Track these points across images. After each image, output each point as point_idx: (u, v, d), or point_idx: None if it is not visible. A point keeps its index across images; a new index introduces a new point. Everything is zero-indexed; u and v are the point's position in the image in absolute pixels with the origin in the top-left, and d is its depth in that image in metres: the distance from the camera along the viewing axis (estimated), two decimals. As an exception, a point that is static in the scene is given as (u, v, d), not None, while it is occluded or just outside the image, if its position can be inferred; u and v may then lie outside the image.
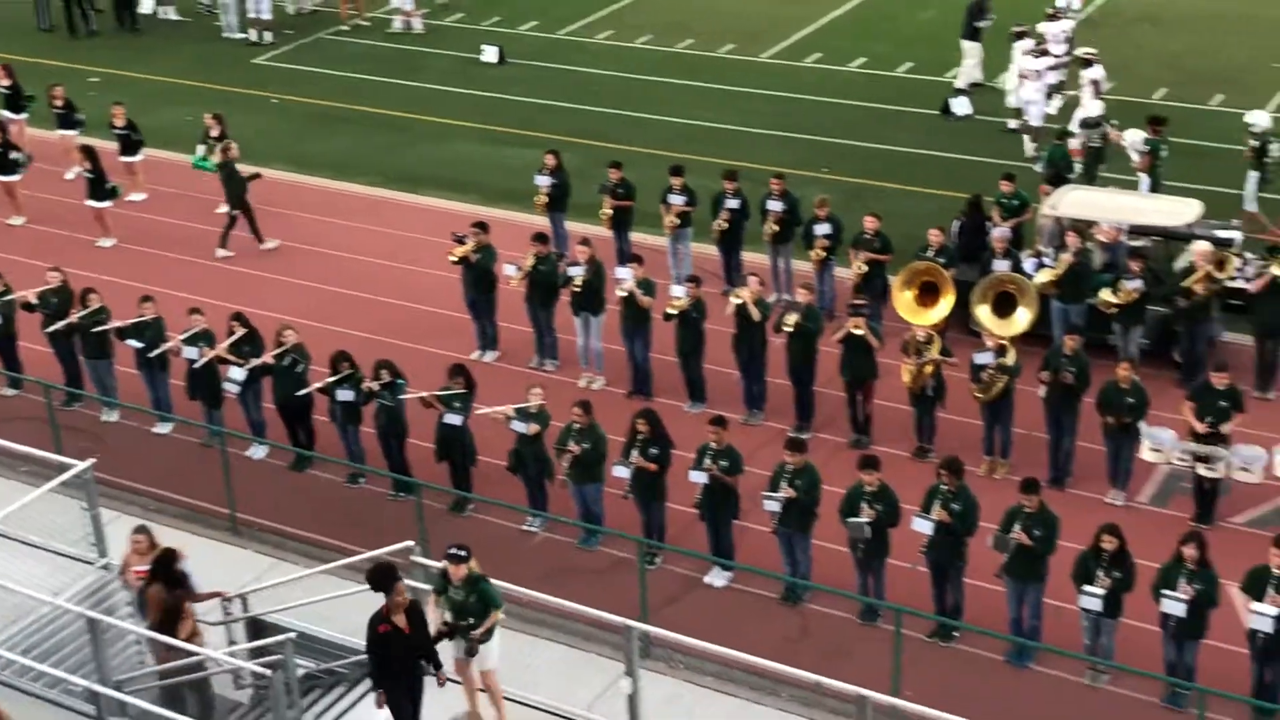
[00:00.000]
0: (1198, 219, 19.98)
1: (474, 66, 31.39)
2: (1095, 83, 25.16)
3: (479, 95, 29.97)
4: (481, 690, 13.58)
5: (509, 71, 31.10)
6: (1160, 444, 16.89)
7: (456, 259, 20.09)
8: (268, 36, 33.55)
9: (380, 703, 12.96)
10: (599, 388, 19.70)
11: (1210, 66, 28.81)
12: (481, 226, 20.24)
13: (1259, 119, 23.02)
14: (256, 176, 23.90)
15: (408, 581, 14.07)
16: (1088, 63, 25.52)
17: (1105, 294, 18.99)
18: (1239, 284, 19.22)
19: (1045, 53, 26.21)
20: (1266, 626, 13.53)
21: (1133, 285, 18.83)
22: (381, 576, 12.74)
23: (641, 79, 30.34)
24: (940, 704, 12.97)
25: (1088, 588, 14.23)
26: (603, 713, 13.84)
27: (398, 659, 12.80)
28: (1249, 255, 19.77)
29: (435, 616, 13.19)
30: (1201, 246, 19.13)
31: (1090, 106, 24.28)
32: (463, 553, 13.20)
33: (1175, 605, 13.82)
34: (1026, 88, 26.04)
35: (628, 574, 15.45)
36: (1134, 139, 22.98)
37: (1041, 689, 14.51)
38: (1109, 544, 14.14)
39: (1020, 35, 26.65)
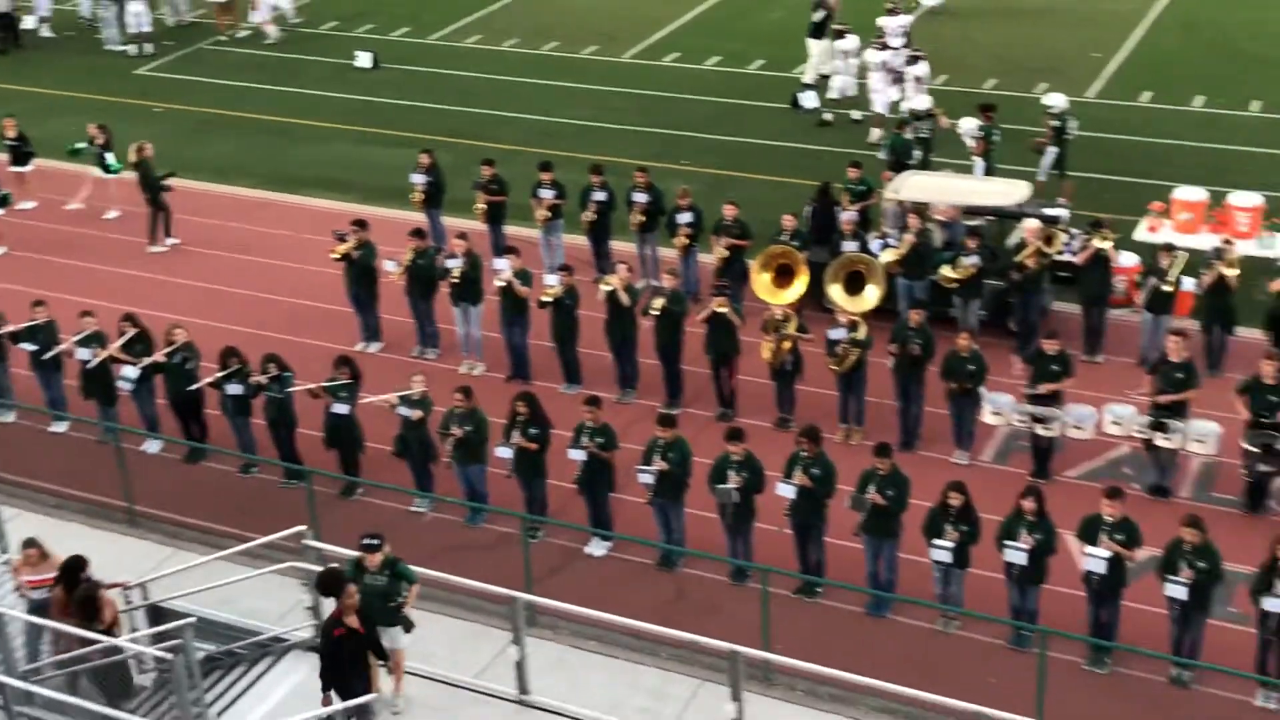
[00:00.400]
0: (1027, 198, 20.39)
1: (349, 72, 30.98)
2: (919, 79, 25.62)
3: (355, 99, 29.58)
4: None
5: (383, 76, 30.75)
6: (1000, 407, 17.22)
7: (338, 256, 19.85)
8: (148, 48, 32.82)
9: (328, 703, 12.66)
10: (479, 373, 19.60)
11: (1034, 57, 29.35)
12: (361, 224, 20.03)
13: (1056, 100, 23.58)
14: (171, 175, 23.55)
15: (300, 564, 13.98)
16: (914, 59, 25.95)
17: (945, 270, 19.30)
18: (1066, 257, 19.65)
19: (885, 46, 26.54)
20: (1099, 568, 13.88)
21: (970, 261, 19.17)
22: (331, 582, 12.52)
23: (510, 80, 30.16)
24: (807, 655, 13.23)
25: (937, 541, 14.48)
26: (492, 679, 13.81)
27: (350, 659, 12.54)
28: (1075, 230, 20.20)
29: None
30: (1031, 224, 19.50)
31: (917, 100, 24.69)
32: (376, 541, 13.14)
33: (1017, 554, 14.11)
34: (872, 78, 26.40)
35: (512, 548, 15.39)
36: (968, 126, 23.36)
37: (899, 636, 14.71)
38: (955, 500, 14.40)
39: (841, 34, 26.99)
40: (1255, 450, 15.90)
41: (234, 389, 17.39)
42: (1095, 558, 13.90)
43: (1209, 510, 15.60)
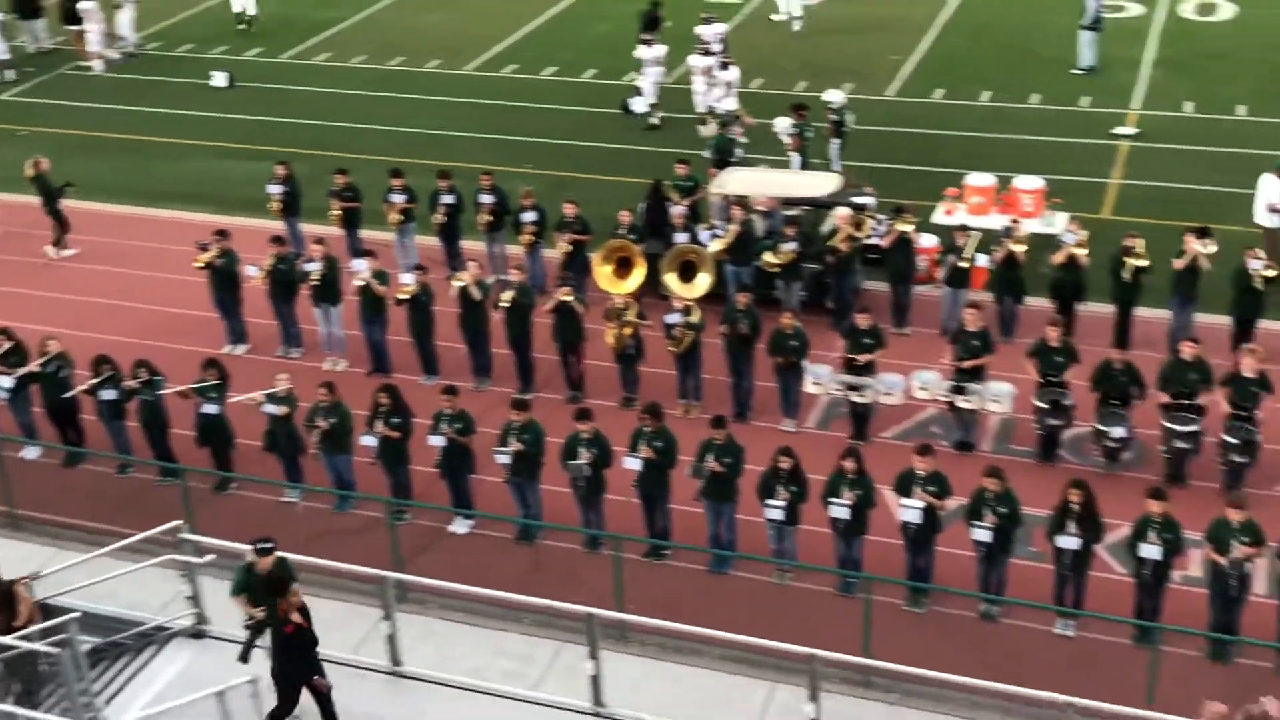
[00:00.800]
0: (838, 189, 20.69)
1: (206, 91, 30.12)
2: (730, 83, 25.91)
3: (213, 117, 28.75)
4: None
5: (239, 94, 29.96)
6: (820, 378, 17.46)
7: (202, 264, 19.37)
8: (10, 74, 31.56)
9: (326, 686, 12.48)
10: (342, 369, 19.27)
11: (840, 61, 29.66)
12: (223, 234, 19.57)
13: (835, 96, 23.96)
14: (69, 186, 22.97)
15: (178, 557, 13.66)
16: (725, 65, 26.22)
17: (768, 256, 19.52)
18: (874, 240, 19.97)
19: (707, 52, 26.73)
20: (915, 518, 14.19)
21: (789, 247, 19.42)
22: (277, 583, 12.19)
23: (359, 95, 29.64)
24: (656, 613, 13.31)
25: (770, 501, 14.65)
26: (367, 654, 13.64)
27: (301, 654, 12.25)
28: (880, 216, 20.58)
29: (245, 612, 12.53)
30: (842, 211, 19.79)
31: (727, 103, 24.88)
32: (269, 544, 12.67)
33: (841, 509, 14.36)
34: (694, 82, 26.59)
35: (380, 531, 15.19)
36: (783, 125, 23.59)
37: (739, 591, 14.86)
38: (785, 464, 14.57)
39: (648, 42, 27.05)
40: (1045, 406, 16.39)
41: (107, 394, 16.88)
42: (910, 508, 14.20)
43: (1008, 461, 16.03)
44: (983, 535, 14.04)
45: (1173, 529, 13.52)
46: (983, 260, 19.29)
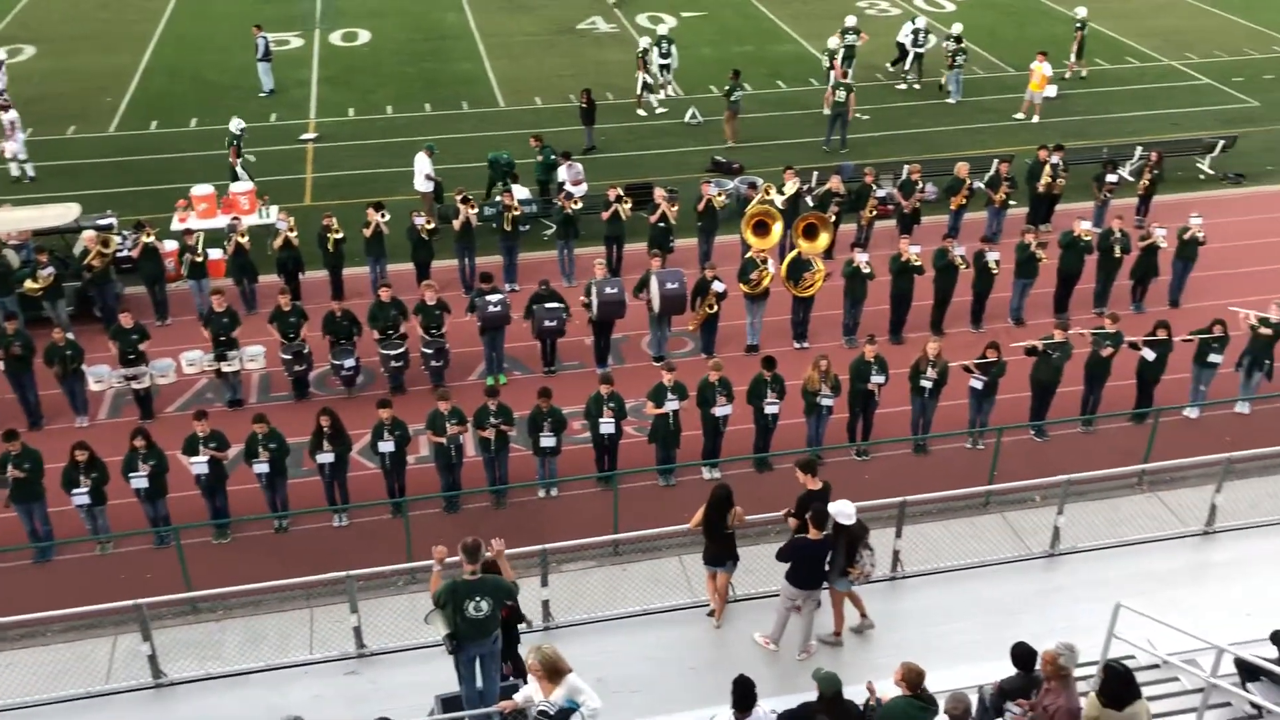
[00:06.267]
0: (80, 215, 18.65)
1: None
2: (14, 124, 22.65)
3: None
4: None
5: None
6: (101, 376, 15.90)
7: None
8: None
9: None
10: None
11: (61, 107, 26.47)
12: None
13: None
14: None
15: None
16: (6, 108, 22.83)
17: (29, 283, 17.23)
18: (125, 253, 18.41)
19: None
20: (204, 470, 13.38)
21: (47, 272, 17.25)
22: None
23: None
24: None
25: (76, 490, 13.09)
26: None
27: (509, 629, 10.39)
28: (126, 232, 18.95)
29: None
30: (89, 233, 17.93)
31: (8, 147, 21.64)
32: None
33: (140, 480, 13.21)
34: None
35: None
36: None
37: (63, 573, 13.19)
38: (81, 456, 13.08)
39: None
40: (289, 358, 16.08)
41: None
42: (199, 464, 13.42)
43: (272, 406, 15.69)
44: (261, 468, 13.60)
45: (400, 426, 13.94)
46: (216, 253, 18.41)
